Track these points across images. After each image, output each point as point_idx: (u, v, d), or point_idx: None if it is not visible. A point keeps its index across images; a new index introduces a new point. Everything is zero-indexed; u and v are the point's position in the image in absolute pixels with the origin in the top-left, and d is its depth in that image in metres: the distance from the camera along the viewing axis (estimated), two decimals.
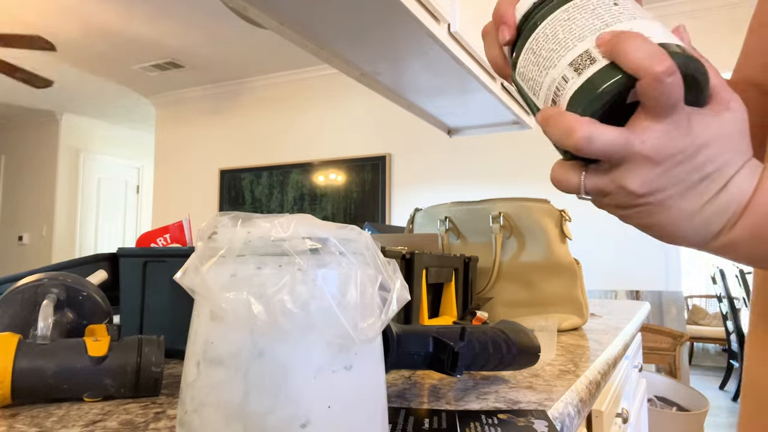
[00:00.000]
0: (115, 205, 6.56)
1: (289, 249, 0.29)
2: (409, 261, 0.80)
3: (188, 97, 5.46)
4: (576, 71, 0.31)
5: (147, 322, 0.69)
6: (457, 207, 1.14)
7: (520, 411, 0.46)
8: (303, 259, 0.29)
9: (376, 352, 0.32)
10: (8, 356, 0.45)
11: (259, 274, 0.29)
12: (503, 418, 0.43)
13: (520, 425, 0.42)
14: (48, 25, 3.98)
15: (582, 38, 0.32)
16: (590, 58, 0.31)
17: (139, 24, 3.98)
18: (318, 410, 0.29)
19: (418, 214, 1.23)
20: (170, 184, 5.50)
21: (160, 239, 0.87)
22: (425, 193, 4.34)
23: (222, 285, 0.29)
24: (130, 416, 0.43)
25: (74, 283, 0.57)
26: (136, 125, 6.48)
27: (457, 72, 1.41)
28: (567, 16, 0.33)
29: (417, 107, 1.71)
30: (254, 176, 5.09)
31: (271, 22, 1.09)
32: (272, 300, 0.28)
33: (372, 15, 1.09)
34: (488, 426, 0.41)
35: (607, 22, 0.32)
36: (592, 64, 0.31)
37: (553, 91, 0.33)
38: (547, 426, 0.42)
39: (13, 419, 0.42)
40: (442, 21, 1.21)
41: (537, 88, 0.34)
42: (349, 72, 1.38)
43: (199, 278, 0.30)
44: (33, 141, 6.18)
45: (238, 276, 0.29)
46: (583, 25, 0.32)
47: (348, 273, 0.30)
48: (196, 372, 0.30)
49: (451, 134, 2.04)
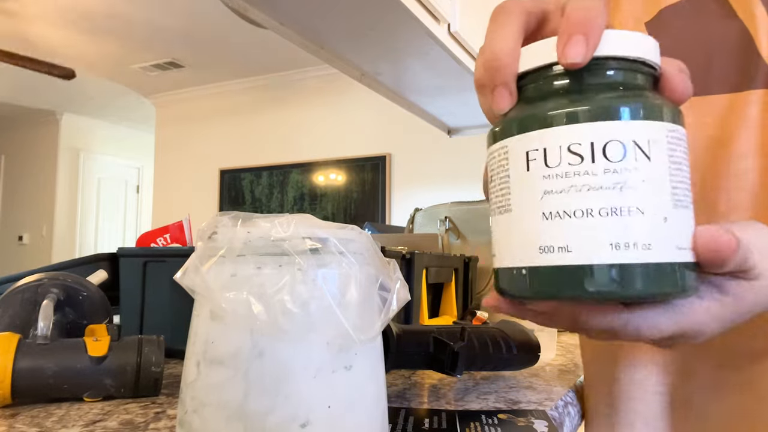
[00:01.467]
0: (115, 205, 6.55)
1: (289, 249, 0.29)
2: (409, 261, 0.79)
3: (188, 97, 5.45)
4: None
5: (147, 322, 0.69)
6: (457, 207, 1.14)
7: (520, 411, 0.46)
8: (303, 259, 0.29)
9: (376, 352, 0.32)
10: (8, 356, 0.45)
11: (260, 274, 0.29)
12: (503, 418, 0.43)
13: (520, 425, 0.42)
14: (48, 25, 3.98)
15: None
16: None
17: (139, 24, 3.98)
18: (318, 410, 0.29)
19: (418, 214, 1.23)
20: (170, 184, 5.50)
21: (160, 239, 0.87)
22: (425, 193, 4.34)
23: (222, 285, 0.29)
24: (130, 416, 0.43)
25: (74, 283, 0.57)
26: (136, 125, 6.48)
27: (457, 72, 1.41)
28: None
29: (417, 107, 1.72)
30: (254, 176, 5.09)
31: (271, 22, 1.09)
32: (272, 300, 0.28)
33: (372, 15, 1.09)
34: (488, 426, 0.41)
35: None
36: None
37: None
38: (547, 426, 0.42)
39: (13, 419, 0.42)
40: (442, 21, 1.21)
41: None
42: (349, 72, 1.38)
43: (199, 278, 0.30)
44: (33, 141, 6.18)
45: (238, 276, 0.29)
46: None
47: (348, 273, 0.30)
48: (196, 372, 0.30)
49: (451, 134, 2.05)
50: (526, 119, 0.28)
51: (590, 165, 0.26)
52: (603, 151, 0.26)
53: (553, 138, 0.26)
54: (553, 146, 0.26)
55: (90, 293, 0.58)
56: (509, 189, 0.28)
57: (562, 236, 0.26)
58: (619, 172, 0.25)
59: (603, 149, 0.26)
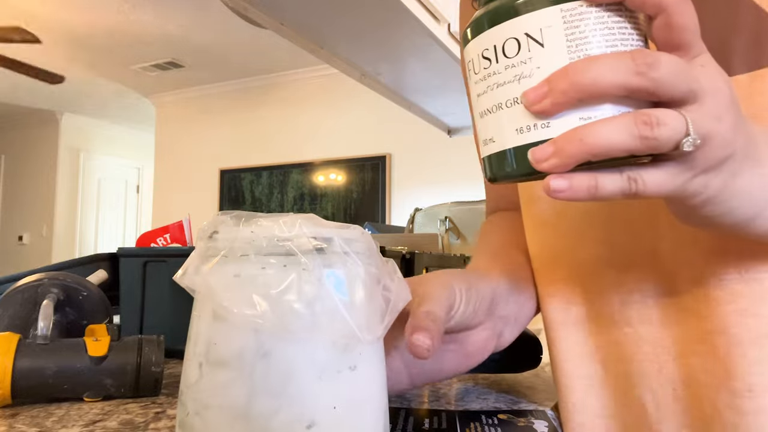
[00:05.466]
0: (115, 205, 6.56)
1: (294, 249, 0.29)
2: (409, 261, 0.80)
3: (188, 97, 5.45)
4: None
5: (147, 322, 0.69)
6: (457, 207, 1.14)
7: (520, 411, 0.46)
8: (309, 259, 0.29)
9: (379, 353, 0.32)
10: (8, 356, 0.45)
11: (264, 274, 0.28)
12: (503, 419, 0.43)
13: (521, 425, 0.42)
14: (48, 24, 3.98)
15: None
16: None
17: (139, 24, 3.98)
18: (323, 411, 0.28)
19: (418, 214, 1.23)
20: (170, 184, 5.50)
21: (160, 239, 0.87)
22: (425, 193, 4.34)
23: (226, 285, 0.29)
24: (130, 416, 0.43)
25: (74, 283, 0.57)
26: (136, 125, 6.48)
27: (457, 72, 1.41)
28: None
29: (417, 107, 1.72)
30: (254, 176, 5.09)
31: (271, 23, 1.09)
32: (278, 300, 0.28)
33: (372, 15, 1.09)
34: (488, 426, 0.41)
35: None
36: None
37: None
38: (548, 426, 0.42)
39: (13, 419, 0.42)
40: (442, 21, 1.21)
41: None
42: (349, 72, 1.38)
43: (200, 278, 0.29)
44: (33, 141, 6.18)
45: (242, 276, 0.29)
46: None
47: (353, 273, 0.30)
48: (198, 373, 0.29)
49: (451, 134, 2.05)
50: (463, 37, 0.32)
51: (496, 65, 0.29)
52: (503, 51, 0.29)
53: (473, 49, 0.31)
54: (475, 56, 0.31)
55: (90, 293, 0.58)
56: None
57: (488, 130, 0.31)
58: (516, 65, 0.29)
59: (503, 49, 0.29)
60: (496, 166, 0.31)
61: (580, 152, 0.26)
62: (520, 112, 0.28)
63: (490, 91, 0.30)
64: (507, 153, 0.29)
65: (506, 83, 0.29)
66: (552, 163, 0.27)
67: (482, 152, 0.32)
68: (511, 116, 0.29)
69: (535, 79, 0.28)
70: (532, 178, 0.30)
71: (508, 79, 0.29)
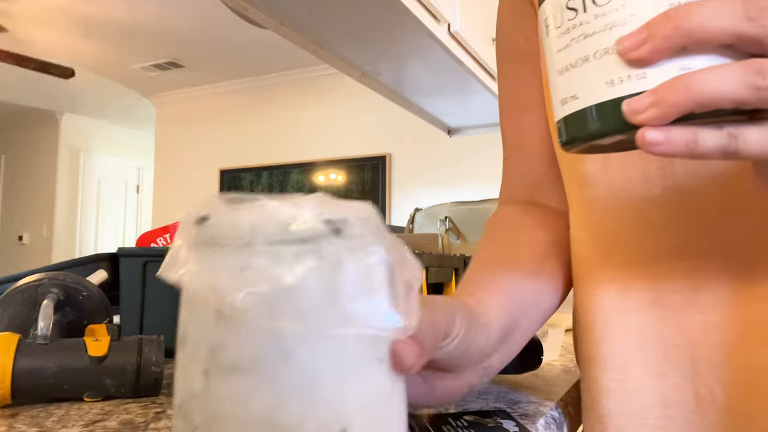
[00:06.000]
0: (115, 205, 6.56)
1: (307, 233, 0.25)
2: None
3: (188, 97, 5.45)
4: None
5: (147, 322, 0.69)
6: (457, 207, 1.14)
7: (484, 412, 0.46)
8: (326, 244, 0.25)
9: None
10: (8, 356, 0.45)
11: (275, 265, 0.24)
12: (470, 420, 0.43)
13: (490, 426, 0.42)
14: (48, 25, 3.98)
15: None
16: None
17: (139, 23, 3.98)
18: (357, 411, 0.25)
19: (418, 214, 1.23)
20: (170, 184, 5.50)
21: (160, 239, 0.87)
22: (425, 193, 4.34)
23: (230, 280, 0.24)
24: (130, 416, 0.43)
25: (74, 283, 0.57)
26: (136, 125, 6.48)
27: (457, 72, 1.41)
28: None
29: (417, 107, 1.72)
30: (254, 176, 5.09)
31: (271, 23, 1.09)
32: (292, 293, 0.24)
33: (372, 15, 1.09)
34: (460, 429, 0.41)
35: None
36: None
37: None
38: (516, 426, 0.42)
39: (13, 419, 0.42)
40: (442, 21, 1.21)
41: None
42: (349, 72, 1.38)
43: (194, 272, 0.25)
44: (33, 141, 6.19)
45: (249, 268, 0.24)
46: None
47: (376, 256, 0.26)
48: (203, 381, 0.25)
49: (451, 134, 2.05)
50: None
51: (583, 15, 0.28)
52: (592, 0, 0.27)
53: (555, 2, 0.29)
54: (557, 9, 0.29)
55: (90, 293, 0.58)
56: (544, 55, 0.31)
57: (570, 86, 0.28)
58: (608, 13, 0.27)
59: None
60: (577, 125, 0.28)
61: (685, 101, 0.24)
62: (612, 63, 0.26)
63: (575, 44, 0.28)
64: (591, 110, 0.27)
65: (595, 33, 0.27)
66: (651, 113, 0.25)
67: (559, 114, 0.29)
68: (600, 68, 0.27)
69: (629, 27, 0.26)
70: (618, 138, 0.28)
71: (598, 28, 0.27)
